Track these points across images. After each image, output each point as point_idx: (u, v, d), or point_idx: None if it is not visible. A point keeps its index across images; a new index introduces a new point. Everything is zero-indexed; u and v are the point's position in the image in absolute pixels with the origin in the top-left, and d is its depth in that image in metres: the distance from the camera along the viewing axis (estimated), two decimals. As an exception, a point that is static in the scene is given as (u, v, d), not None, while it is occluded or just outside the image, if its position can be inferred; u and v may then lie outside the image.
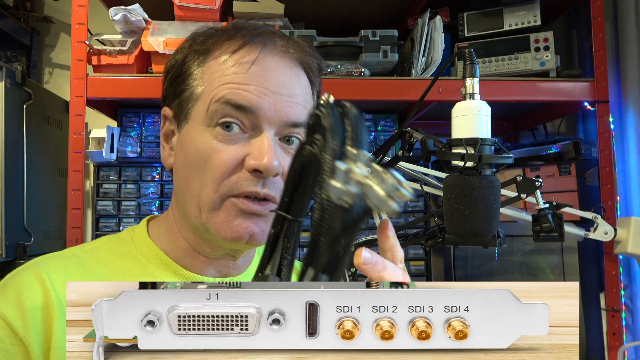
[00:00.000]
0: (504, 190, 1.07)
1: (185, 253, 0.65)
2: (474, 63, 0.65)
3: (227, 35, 0.63)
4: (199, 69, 0.63)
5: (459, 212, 0.62)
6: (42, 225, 1.57)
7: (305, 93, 0.64)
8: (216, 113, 0.59)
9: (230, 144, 0.59)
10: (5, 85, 1.37)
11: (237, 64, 0.61)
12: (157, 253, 0.65)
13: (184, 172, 0.62)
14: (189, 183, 0.61)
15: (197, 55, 0.64)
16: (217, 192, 0.59)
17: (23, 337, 0.55)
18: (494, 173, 0.64)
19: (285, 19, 1.46)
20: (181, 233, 0.65)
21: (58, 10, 1.89)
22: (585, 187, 1.50)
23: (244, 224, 0.59)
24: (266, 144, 0.58)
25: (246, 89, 0.59)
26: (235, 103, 0.59)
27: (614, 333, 1.43)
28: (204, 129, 0.60)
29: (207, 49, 0.63)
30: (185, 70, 0.64)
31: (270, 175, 0.58)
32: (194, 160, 0.60)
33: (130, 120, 1.58)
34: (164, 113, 0.67)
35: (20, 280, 0.59)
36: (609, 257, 1.45)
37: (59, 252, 0.65)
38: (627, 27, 1.57)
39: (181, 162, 0.63)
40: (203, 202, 0.60)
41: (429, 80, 1.42)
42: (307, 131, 0.40)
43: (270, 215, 0.60)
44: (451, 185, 0.63)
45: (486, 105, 0.64)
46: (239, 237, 0.59)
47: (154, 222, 0.71)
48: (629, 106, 1.56)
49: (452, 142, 0.65)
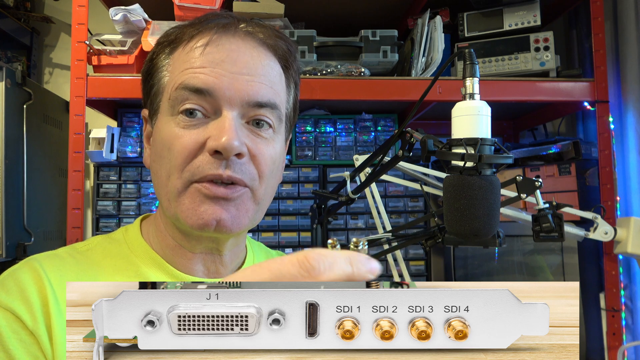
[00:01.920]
0: (504, 190, 1.07)
1: (173, 251, 0.65)
2: (474, 63, 0.65)
3: (191, 25, 0.63)
4: (165, 62, 0.63)
5: (459, 212, 0.62)
6: (42, 225, 1.57)
7: (273, 75, 0.63)
8: (176, 100, 0.59)
9: (192, 129, 0.58)
10: (6, 85, 1.37)
11: (193, 49, 0.60)
12: (149, 252, 0.65)
13: (154, 166, 0.62)
14: (158, 175, 0.61)
15: (163, 49, 0.64)
16: (181, 179, 0.58)
17: (33, 329, 0.55)
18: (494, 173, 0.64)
19: (285, 19, 1.46)
20: (167, 230, 0.65)
21: (58, 10, 1.89)
22: (585, 187, 1.50)
23: (209, 209, 0.57)
24: (226, 124, 0.57)
25: (202, 72, 0.58)
26: (193, 87, 0.58)
27: (614, 333, 1.44)
28: (168, 118, 0.60)
29: (173, 41, 0.63)
30: (154, 66, 0.64)
31: (231, 155, 0.57)
32: (160, 150, 0.60)
33: (130, 120, 1.58)
34: (143, 115, 0.68)
35: (19, 276, 0.59)
36: (609, 257, 1.45)
37: (53, 252, 0.64)
38: (627, 27, 1.57)
39: (153, 156, 0.63)
40: (170, 191, 0.59)
41: (429, 80, 1.43)
42: None
43: (240, 200, 0.59)
44: (451, 185, 0.63)
45: (486, 105, 0.64)
46: (206, 224, 0.57)
47: (146, 221, 0.70)
48: (629, 106, 1.56)
49: (452, 142, 0.65)
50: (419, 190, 1.27)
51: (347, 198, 1.10)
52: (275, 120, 0.62)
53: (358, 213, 1.64)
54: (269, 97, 0.61)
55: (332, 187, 1.41)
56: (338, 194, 1.12)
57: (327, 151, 1.67)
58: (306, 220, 1.60)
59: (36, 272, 0.58)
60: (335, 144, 1.67)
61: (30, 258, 0.62)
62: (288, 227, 1.57)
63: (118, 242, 0.67)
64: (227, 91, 0.58)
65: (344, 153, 1.67)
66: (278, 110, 0.62)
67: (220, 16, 0.64)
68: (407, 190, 1.65)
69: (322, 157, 1.66)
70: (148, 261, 0.64)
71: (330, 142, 1.67)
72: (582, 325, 1.41)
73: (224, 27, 0.62)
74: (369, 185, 1.12)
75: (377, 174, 0.99)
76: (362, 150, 1.67)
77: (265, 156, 0.61)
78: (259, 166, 0.60)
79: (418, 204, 1.66)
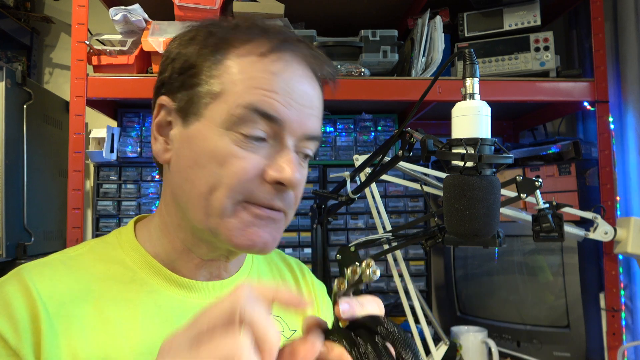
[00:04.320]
0: (504, 190, 1.07)
1: (180, 255, 0.63)
2: (474, 63, 0.65)
3: (250, 35, 0.60)
4: (216, 66, 0.59)
5: (459, 212, 0.62)
6: (42, 225, 1.57)
7: (321, 106, 0.64)
8: (241, 119, 0.56)
9: (252, 152, 0.57)
10: (6, 85, 1.37)
11: (265, 69, 0.58)
12: (146, 257, 0.63)
13: (188, 173, 0.59)
14: (195, 184, 0.58)
15: (214, 50, 0.59)
16: (231, 198, 0.57)
17: (16, 349, 0.52)
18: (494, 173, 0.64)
19: (285, 19, 1.46)
20: (177, 233, 0.63)
21: (58, 10, 1.89)
22: (585, 187, 1.50)
23: (259, 232, 0.58)
24: (291, 157, 0.58)
25: (275, 98, 0.57)
26: (264, 112, 0.56)
27: (614, 333, 1.43)
28: (222, 131, 0.57)
29: (227, 46, 0.59)
30: (200, 64, 0.59)
31: (292, 189, 0.59)
32: (205, 162, 0.57)
33: (130, 120, 1.58)
34: (162, 102, 0.62)
35: (6, 291, 0.55)
36: (609, 257, 1.45)
37: (43, 260, 0.61)
38: (627, 27, 1.57)
39: (186, 161, 0.59)
40: (212, 207, 0.57)
41: (429, 80, 1.42)
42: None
43: (281, 223, 0.61)
44: (451, 185, 0.63)
45: (486, 105, 0.64)
46: (253, 245, 0.58)
47: (142, 224, 0.68)
48: (629, 106, 1.56)
49: (452, 142, 0.65)
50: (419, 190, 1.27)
51: (347, 198, 1.10)
52: (315, 150, 0.64)
53: (358, 213, 1.64)
54: (319, 131, 0.63)
55: (332, 187, 1.41)
56: (338, 194, 1.12)
57: (327, 151, 1.67)
58: (306, 220, 1.60)
59: (24, 285, 0.55)
60: (335, 144, 1.67)
61: (19, 268, 0.59)
62: (288, 226, 1.56)
63: (112, 245, 0.64)
64: (294, 123, 0.58)
65: (344, 153, 1.67)
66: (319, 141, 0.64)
67: (282, 33, 0.62)
68: (407, 190, 1.65)
69: (322, 157, 1.66)
70: (144, 266, 0.62)
71: (330, 142, 1.67)
72: (582, 326, 1.41)
73: (292, 52, 0.60)
74: (369, 185, 1.12)
75: (377, 174, 0.99)
76: (362, 150, 1.67)
77: (303, 185, 0.64)
78: (297, 194, 0.63)
79: (418, 204, 1.66)
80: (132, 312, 0.59)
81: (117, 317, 0.57)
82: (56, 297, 0.56)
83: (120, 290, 0.60)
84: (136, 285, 0.61)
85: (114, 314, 0.58)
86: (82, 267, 0.61)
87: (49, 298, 0.55)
